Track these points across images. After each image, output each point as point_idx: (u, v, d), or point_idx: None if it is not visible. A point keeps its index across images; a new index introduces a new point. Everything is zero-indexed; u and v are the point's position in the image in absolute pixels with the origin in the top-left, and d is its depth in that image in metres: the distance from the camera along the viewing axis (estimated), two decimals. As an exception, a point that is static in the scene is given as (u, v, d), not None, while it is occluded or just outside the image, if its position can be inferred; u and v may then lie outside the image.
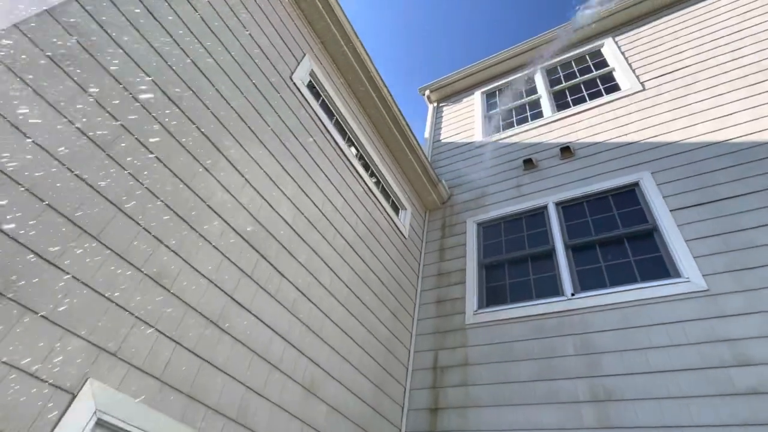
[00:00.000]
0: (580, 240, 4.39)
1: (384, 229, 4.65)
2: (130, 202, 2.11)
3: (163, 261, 2.20)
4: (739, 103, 4.53)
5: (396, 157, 5.45)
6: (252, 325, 2.62)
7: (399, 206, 5.30)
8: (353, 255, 3.92)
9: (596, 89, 6.03)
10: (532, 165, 5.47)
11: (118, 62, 2.27)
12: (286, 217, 3.18)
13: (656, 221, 4.04)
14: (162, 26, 2.62)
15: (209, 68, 2.88)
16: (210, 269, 2.45)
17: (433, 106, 8.00)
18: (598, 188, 4.69)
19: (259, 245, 2.85)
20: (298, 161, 3.52)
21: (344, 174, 4.18)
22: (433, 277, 5.05)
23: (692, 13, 5.93)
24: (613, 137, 5.13)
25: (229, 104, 2.95)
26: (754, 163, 3.98)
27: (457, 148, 6.72)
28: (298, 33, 4.13)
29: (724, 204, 3.83)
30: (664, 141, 4.67)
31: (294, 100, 3.74)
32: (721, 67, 4.98)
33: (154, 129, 2.36)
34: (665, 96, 5.13)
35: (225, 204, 2.67)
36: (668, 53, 5.64)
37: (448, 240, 5.39)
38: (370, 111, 5.06)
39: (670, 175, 4.32)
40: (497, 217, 5.23)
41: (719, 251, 3.59)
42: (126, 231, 2.06)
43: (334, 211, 3.83)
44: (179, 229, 2.33)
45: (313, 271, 3.32)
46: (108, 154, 2.08)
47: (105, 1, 2.31)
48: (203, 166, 2.60)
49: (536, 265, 4.53)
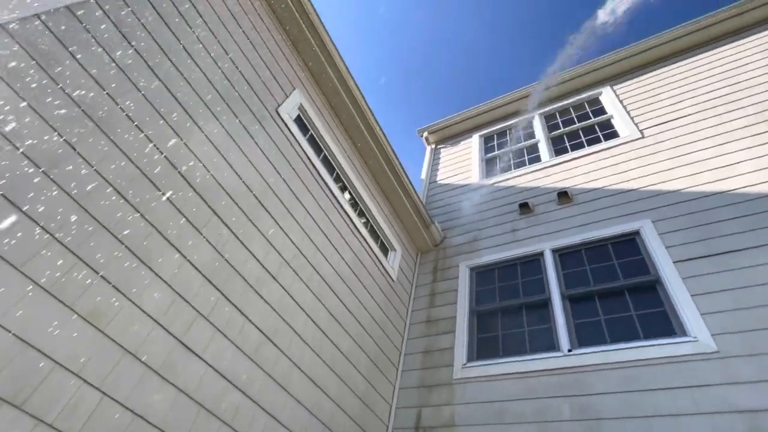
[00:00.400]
0: (578, 290, 4.10)
1: (370, 271, 4.39)
2: (69, 231, 1.90)
3: (101, 298, 1.96)
4: (742, 153, 4.38)
5: (388, 197, 5.28)
6: (203, 374, 2.33)
7: (388, 247, 5.07)
8: (332, 298, 3.65)
9: (594, 135, 5.94)
10: (528, 209, 5.27)
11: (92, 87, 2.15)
12: (256, 253, 2.95)
13: (659, 273, 3.77)
14: (137, 53, 2.53)
15: (183, 91, 2.76)
16: (158, 309, 2.20)
17: (431, 148, 7.96)
18: (597, 236, 4.45)
19: (221, 283, 2.61)
20: (277, 195, 3.34)
21: (329, 211, 3.99)
22: (422, 325, 4.72)
23: (689, 64, 5.94)
24: (612, 184, 4.96)
25: (202, 131, 2.81)
26: (762, 214, 3.76)
27: (452, 190, 6.57)
28: (288, 67, 4.09)
29: (731, 257, 3.57)
30: (665, 189, 4.49)
31: (278, 132, 3.62)
32: (721, 117, 4.87)
33: (104, 150, 2.19)
34: (665, 144, 5.01)
35: (185, 237, 2.46)
36: (667, 102, 5.58)
37: (440, 284, 5.10)
38: (362, 149, 4.95)
39: (673, 224, 4.09)
40: (491, 263, 4.97)
41: (728, 309, 3.29)
42: (57, 262, 1.83)
43: (313, 249, 3.60)
44: (126, 262, 2.10)
45: (284, 313, 3.04)
46: (48, 176, 1.90)
47: (81, 31, 2.22)
48: (166, 196, 2.42)
49: (531, 316, 4.21)
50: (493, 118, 7.53)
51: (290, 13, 4.07)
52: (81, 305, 1.87)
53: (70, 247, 1.90)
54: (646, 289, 3.80)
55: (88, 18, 2.31)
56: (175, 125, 2.63)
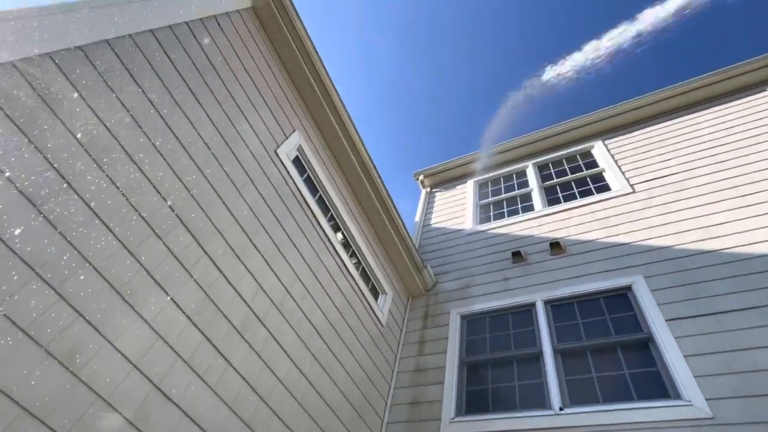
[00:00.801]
0: (570, 344, 4.03)
1: (359, 315, 4.30)
2: (50, 266, 1.86)
3: (78, 338, 1.88)
4: (729, 213, 4.46)
5: (381, 239, 5.27)
6: (177, 423, 2.21)
7: (379, 290, 5.00)
8: (319, 342, 3.55)
9: (587, 187, 6.05)
10: (521, 258, 5.27)
11: (92, 122, 2.17)
12: (244, 294, 2.89)
13: (651, 331, 3.73)
14: (141, 89, 2.58)
15: (184, 130, 2.80)
16: (137, 351, 2.11)
17: (426, 191, 8.05)
18: (589, 289, 4.43)
19: (205, 325, 2.53)
20: (269, 235, 3.32)
21: (321, 253, 3.96)
22: (410, 373, 4.58)
23: (677, 124, 6.17)
24: (604, 237, 5.00)
25: (200, 169, 2.82)
26: (751, 276, 3.78)
27: (446, 234, 6.58)
28: (290, 109, 4.19)
29: (723, 318, 3.56)
30: (656, 245, 4.53)
31: (275, 172, 3.65)
32: (709, 177, 5.00)
33: (99, 184, 2.18)
34: (655, 200, 5.10)
35: (172, 276, 2.41)
36: (656, 159, 5.74)
37: (430, 331, 5.00)
38: (357, 190, 4.99)
39: (664, 281, 4.10)
40: (483, 311, 4.90)
41: (722, 372, 3.23)
42: (37, 299, 1.78)
43: (303, 291, 3.54)
44: (108, 301, 2.04)
45: (268, 359, 2.94)
46: (39, 210, 1.88)
47: (80, 64, 2.28)
48: (155, 233, 2.39)
49: (522, 369, 4.11)
50: (489, 164, 7.67)
51: (294, 57, 4.21)
52: (57, 346, 1.79)
53: (53, 284, 1.84)
54: (638, 346, 3.75)
55: (98, 57, 2.37)
56: (172, 162, 2.64)
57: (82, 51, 2.30)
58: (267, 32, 4.10)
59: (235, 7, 3.72)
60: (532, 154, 7.38)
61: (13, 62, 1.97)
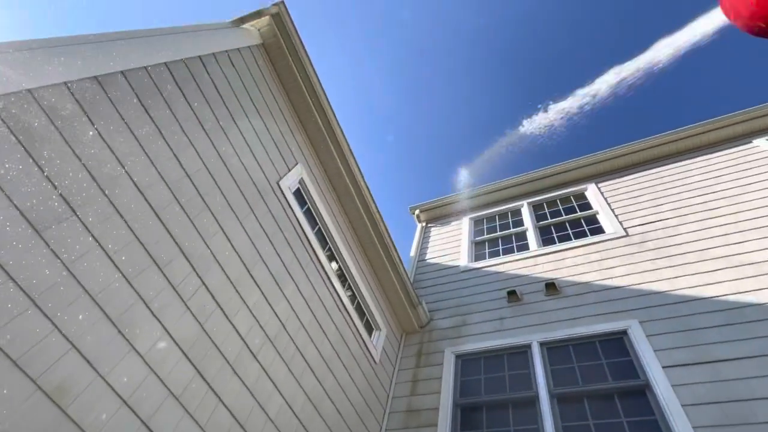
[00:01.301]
0: (567, 389, 3.96)
1: (353, 351, 4.21)
2: (48, 294, 1.82)
3: (70, 372, 1.82)
4: (721, 260, 4.53)
5: (377, 274, 5.24)
6: (164, 465, 2.11)
7: (373, 326, 4.93)
8: (312, 379, 3.45)
9: (581, 229, 6.13)
10: (516, 298, 5.26)
11: (102, 151, 2.19)
12: (240, 328, 2.83)
13: (648, 378, 3.69)
14: (152, 121, 2.62)
15: (189, 158, 2.82)
16: (128, 386, 2.04)
17: (422, 226, 8.09)
18: (585, 332, 4.41)
19: (198, 360, 2.46)
20: (267, 267, 3.29)
21: (317, 286, 3.92)
22: (402, 414, 4.45)
23: (668, 170, 6.35)
24: (599, 279, 5.03)
25: (203, 199, 2.83)
26: (745, 325, 3.80)
27: (441, 270, 6.57)
28: (294, 143, 4.26)
29: (719, 367, 3.54)
30: (650, 290, 4.55)
31: (276, 203, 3.67)
32: (700, 224, 5.11)
33: (103, 214, 2.17)
34: (649, 245, 5.18)
35: (169, 307, 2.36)
36: (648, 204, 5.87)
37: (423, 370, 4.89)
38: (356, 224, 5.01)
39: (660, 326, 4.10)
40: (478, 351, 4.83)
41: (721, 423, 3.19)
42: (29, 331, 1.73)
43: (298, 325, 3.48)
44: (103, 333, 1.99)
45: (260, 396, 2.85)
46: (41, 235, 1.86)
47: (104, 100, 2.32)
48: (155, 263, 2.36)
49: (518, 414, 4.01)
50: (484, 202, 7.78)
51: (300, 92, 4.32)
52: (47, 379, 1.73)
53: (49, 314, 1.80)
54: (636, 394, 3.70)
55: (112, 87, 2.41)
56: (176, 191, 2.65)
57: (97, 81, 2.35)
58: (275, 68, 4.22)
59: (246, 43, 3.85)
60: (527, 194, 7.50)
61: (30, 89, 2.00)
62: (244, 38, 3.84)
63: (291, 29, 4.09)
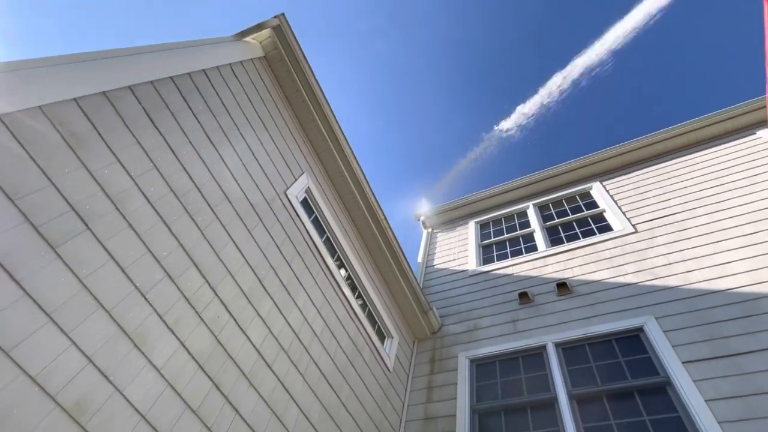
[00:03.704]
0: (585, 389, 3.89)
1: (367, 360, 4.17)
2: (63, 309, 1.80)
3: (88, 388, 1.80)
4: (734, 252, 4.48)
5: (386, 281, 5.21)
6: (184, 481, 2.07)
7: (385, 334, 4.88)
8: (327, 389, 3.41)
9: (588, 227, 6.09)
10: (527, 299, 5.21)
11: (113, 166, 2.19)
12: (254, 339, 2.81)
13: (668, 374, 3.62)
14: (159, 134, 2.63)
15: (197, 170, 2.83)
16: (146, 401, 2.01)
17: (428, 232, 8.06)
18: (600, 330, 4.35)
19: (214, 372, 2.43)
20: (278, 277, 3.27)
21: (329, 295, 3.90)
22: (419, 422, 4.38)
23: (673, 165, 6.32)
24: (610, 277, 4.97)
25: (213, 210, 2.82)
26: (762, 316, 3.74)
27: (450, 275, 6.52)
28: (299, 152, 4.27)
29: (740, 360, 3.48)
30: (664, 285, 4.50)
31: (285, 213, 3.66)
32: (711, 216, 5.07)
33: (116, 228, 2.17)
34: (659, 240, 5.13)
35: (183, 319, 2.34)
36: (656, 200, 5.83)
37: (438, 377, 4.83)
38: (363, 232, 5.00)
39: (676, 321, 4.04)
40: (492, 355, 4.77)
41: (746, 417, 3.12)
42: (47, 345, 1.71)
43: (311, 335, 3.45)
44: (119, 347, 1.97)
45: (276, 407, 2.81)
46: (56, 251, 1.85)
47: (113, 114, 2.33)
48: (167, 274, 2.35)
49: (537, 417, 3.94)
50: (489, 205, 7.76)
51: (303, 102, 4.35)
52: (66, 396, 1.71)
53: (65, 329, 1.78)
54: (657, 391, 3.63)
55: (121, 103, 2.43)
56: (186, 203, 2.65)
57: (106, 96, 2.36)
58: (278, 79, 4.25)
59: (248, 56, 3.88)
60: (532, 195, 7.48)
61: (41, 107, 2.01)
62: (246, 51, 3.88)
63: (292, 40, 4.13)
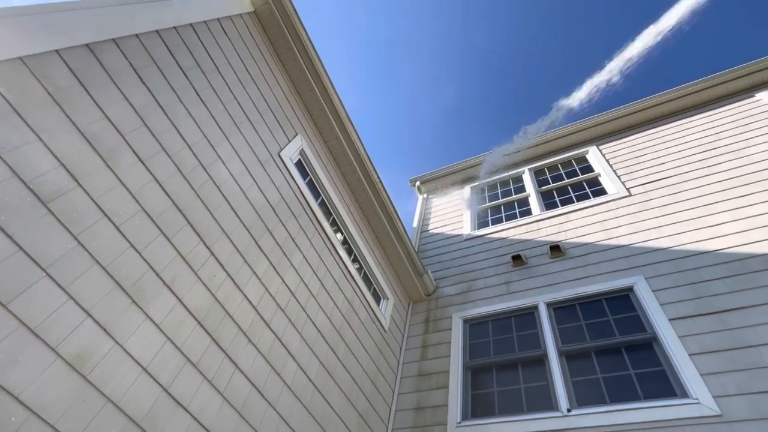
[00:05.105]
0: (575, 346, 4.03)
1: (362, 320, 4.25)
2: (59, 264, 1.80)
3: (88, 340, 1.82)
4: (725, 214, 4.53)
5: (382, 244, 5.25)
6: (186, 429, 2.14)
7: (381, 295, 4.96)
8: (325, 347, 3.49)
9: (583, 191, 6.12)
10: (521, 262, 5.29)
11: (102, 123, 2.13)
12: (251, 297, 2.84)
13: (655, 330, 3.75)
14: (149, 92, 2.55)
15: (190, 131, 2.77)
16: (146, 354, 2.05)
17: (423, 197, 8.06)
18: (591, 290, 4.45)
19: (213, 328, 2.47)
20: (274, 238, 3.28)
21: (324, 256, 3.93)
22: (413, 378, 4.53)
23: (669, 129, 6.29)
24: (603, 239, 5.04)
25: (206, 170, 2.79)
26: (750, 275, 3.83)
27: (444, 240, 6.58)
28: (292, 114, 4.18)
29: (725, 316, 3.59)
30: (655, 246, 4.57)
31: (279, 175, 3.63)
32: (703, 180, 5.10)
33: (108, 185, 2.14)
34: (652, 203, 5.17)
35: (180, 277, 2.36)
36: (650, 163, 5.84)
37: (432, 336, 4.96)
38: (358, 195, 4.98)
39: (665, 281, 4.13)
40: (485, 315, 4.89)
41: (727, 369, 3.25)
42: (45, 299, 1.72)
43: (308, 295, 3.49)
44: (117, 302, 1.99)
45: (275, 363, 2.88)
46: (50, 209, 1.83)
47: (98, 69, 2.24)
48: (163, 234, 2.34)
49: (527, 372, 4.09)
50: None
51: (295, 60, 4.22)
52: (66, 348, 1.73)
53: (62, 283, 1.79)
54: (643, 347, 3.76)
55: (106, 57, 2.34)
56: (180, 165, 2.60)
57: (89, 48, 2.27)
58: (269, 36, 4.10)
59: (236, 10, 3.73)
60: (528, 160, 7.45)
61: (21, 58, 1.93)
62: (234, 5, 3.71)
63: (282, -6, 3.95)
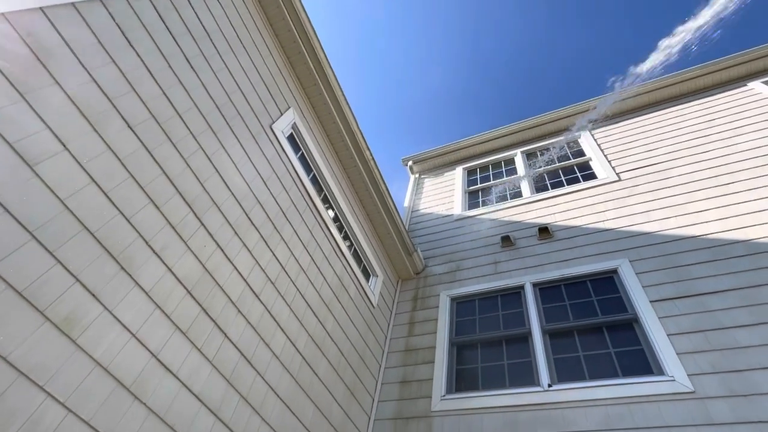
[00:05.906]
0: (558, 325, 4.13)
1: (351, 295, 4.30)
2: (47, 229, 1.78)
3: (76, 305, 1.82)
4: (709, 201, 4.62)
5: (372, 221, 5.26)
6: (175, 395, 2.18)
7: (370, 272, 5.01)
8: (314, 320, 3.54)
9: (574, 175, 6.17)
10: (509, 243, 5.35)
11: (89, 86, 2.08)
12: (241, 269, 2.85)
13: (636, 311, 3.85)
14: (139, 58, 2.48)
15: (180, 100, 2.71)
16: (135, 320, 2.06)
17: (415, 177, 8.06)
18: (576, 272, 4.54)
19: (203, 297, 2.49)
20: (265, 211, 3.27)
21: (315, 232, 3.93)
22: (400, 353, 4.62)
23: (663, 115, 6.33)
24: (590, 222, 5.12)
25: (196, 139, 2.75)
26: (730, 260, 3.94)
27: (435, 219, 6.62)
28: (285, 86, 4.11)
29: (704, 299, 3.70)
30: (640, 231, 4.66)
31: (270, 148, 3.59)
32: (692, 166, 5.16)
33: (95, 150, 2.10)
34: (640, 188, 5.24)
35: (170, 246, 2.35)
36: (642, 149, 5.89)
37: (419, 313, 5.04)
38: (350, 172, 4.96)
39: (649, 264, 4.23)
40: (472, 293, 4.97)
41: (702, 349, 3.38)
42: (32, 262, 1.71)
43: (298, 269, 3.51)
44: (106, 268, 1.98)
45: (264, 334, 2.92)
46: (36, 173, 1.80)
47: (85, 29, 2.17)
48: (153, 202, 2.32)
49: (511, 349, 4.20)
50: (477, 152, 7.74)
51: (288, 30, 4.12)
52: (54, 311, 1.73)
53: (49, 247, 1.77)
54: (624, 327, 3.87)
55: (93, 18, 2.26)
56: (170, 133, 2.56)
57: (75, 8, 2.19)
58: (262, 4, 3.99)
59: (230, -24, 3.60)
60: (521, 143, 7.46)
61: (4, 14, 1.86)
62: (227, -30, 3.59)
63: (277, -39, 3.83)
